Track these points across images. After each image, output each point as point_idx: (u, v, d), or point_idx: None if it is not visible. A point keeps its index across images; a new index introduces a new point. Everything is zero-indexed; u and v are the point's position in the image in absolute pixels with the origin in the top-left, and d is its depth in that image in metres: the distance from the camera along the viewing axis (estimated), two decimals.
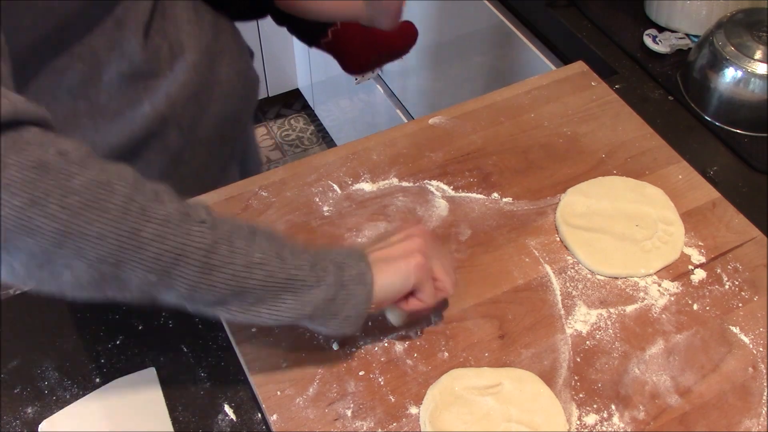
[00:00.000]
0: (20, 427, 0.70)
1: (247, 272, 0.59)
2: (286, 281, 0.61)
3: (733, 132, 0.98)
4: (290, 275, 0.61)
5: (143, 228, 0.54)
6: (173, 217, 0.56)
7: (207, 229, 0.57)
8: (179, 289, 0.58)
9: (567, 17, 1.15)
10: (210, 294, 0.59)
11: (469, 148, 0.92)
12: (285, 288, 0.61)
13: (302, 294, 0.62)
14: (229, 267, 0.58)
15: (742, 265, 0.81)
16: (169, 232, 0.55)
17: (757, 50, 0.95)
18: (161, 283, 0.57)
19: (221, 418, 0.71)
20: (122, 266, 0.55)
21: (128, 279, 0.56)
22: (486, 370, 0.71)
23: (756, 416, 0.69)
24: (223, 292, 0.59)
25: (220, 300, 0.60)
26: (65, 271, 0.54)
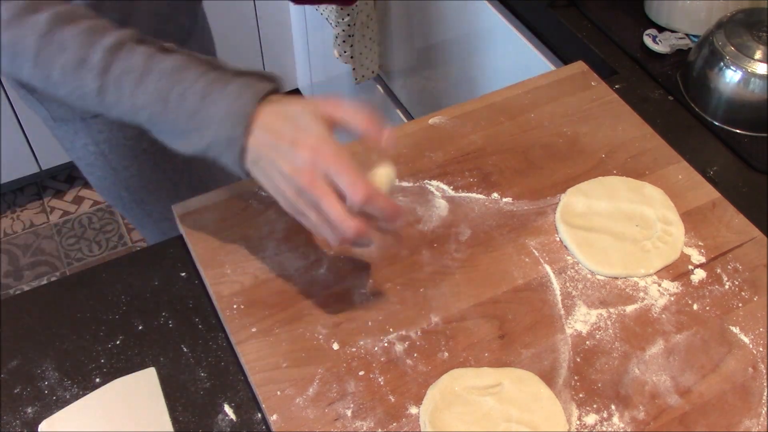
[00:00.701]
0: (20, 427, 0.70)
1: (133, 113, 0.69)
2: (166, 125, 0.69)
3: (733, 132, 0.98)
4: (169, 120, 0.68)
5: (52, 74, 0.69)
6: (68, 67, 0.68)
7: (95, 75, 0.68)
8: (95, 109, 0.71)
9: (567, 17, 1.15)
10: (116, 117, 0.71)
11: (469, 148, 0.92)
12: (167, 130, 0.69)
13: (181, 138, 0.69)
14: (119, 107, 0.69)
15: (742, 265, 0.81)
16: (67, 79, 0.69)
17: (757, 50, 0.95)
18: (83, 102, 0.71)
19: (221, 418, 0.71)
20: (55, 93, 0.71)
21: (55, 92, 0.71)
22: (486, 370, 0.71)
23: (756, 416, 0.69)
24: (124, 119, 0.71)
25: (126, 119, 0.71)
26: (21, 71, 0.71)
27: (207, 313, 0.78)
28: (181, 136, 0.69)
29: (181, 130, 0.68)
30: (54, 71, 0.68)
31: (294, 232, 0.82)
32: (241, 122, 0.66)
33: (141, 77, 0.67)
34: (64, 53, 0.68)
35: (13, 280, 2.06)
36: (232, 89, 0.67)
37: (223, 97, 0.66)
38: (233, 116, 0.66)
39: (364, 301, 0.76)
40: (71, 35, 0.68)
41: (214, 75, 0.67)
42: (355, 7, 1.71)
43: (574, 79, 1.01)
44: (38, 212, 2.21)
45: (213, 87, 0.67)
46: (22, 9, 0.68)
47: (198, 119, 0.67)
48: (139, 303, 0.79)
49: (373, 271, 0.79)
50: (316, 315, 0.75)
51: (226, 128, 0.66)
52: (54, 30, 0.67)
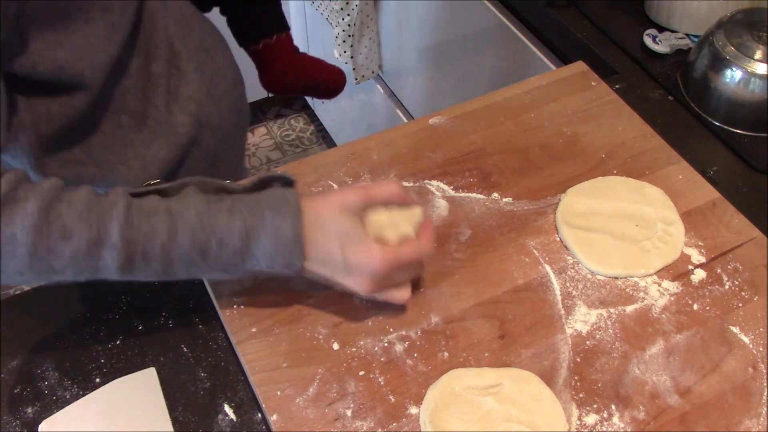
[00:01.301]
0: (20, 427, 0.70)
1: (167, 269, 0.65)
2: (210, 271, 0.67)
3: (733, 132, 0.98)
4: (212, 266, 0.66)
5: (54, 262, 0.61)
6: (81, 252, 0.61)
7: (117, 252, 0.62)
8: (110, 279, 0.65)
9: (567, 17, 1.15)
10: (139, 280, 0.66)
11: (469, 148, 0.92)
12: (212, 271, 0.67)
13: (229, 271, 0.67)
14: (147, 270, 0.64)
15: (742, 265, 0.81)
16: (79, 264, 0.62)
17: (757, 50, 0.95)
18: (89, 279, 0.64)
19: (221, 418, 0.71)
20: (46, 279, 0.63)
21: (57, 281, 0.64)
22: (486, 370, 0.71)
23: (756, 416, 0.69)
24: (151, 278, 0.66)
25: (153, 279, 0.66)
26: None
27: (207, 313, 0.78)
28: (223, 273, 0.67)
29: (226, 267, 0.66)
30: (58, 261, 0.61)
31: None
32: (296, 249, 0.66)
33: (170, 239, 0.63)
34: (70, 240, 0.61)
35: None
36: (270, 219, 0.65)
37: (265, 231, 0.65)
38: (285, 247, 0.65)
39: (364, 301, 0.76)
40: (72, 218, 0.61)
41: (243, 209, 0.65)
42: (355, 7, 1.71)
43: (574, 79, 1.01)
44: None
45: (250, 223, 0.64)
46: (2, 202, 0.60)
47: (246, 257, 0.65)
48: (139, 303, 0.79)
49: None
50: (316, 315, 0.75)
51: (281, 258, 0.66)
52: (49, 217, 0.60)
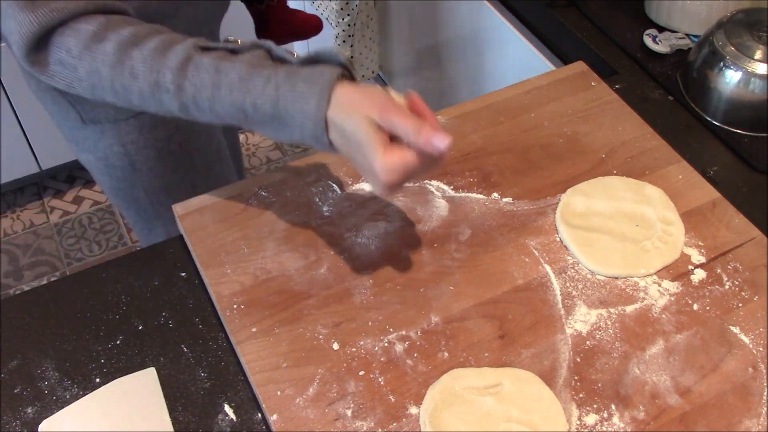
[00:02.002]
0: (20, 427, 0.70)
1: (219, 120, 0.71)
2: (254, 124, 0.71)
3: (733, 132, 0.98)
4: (255, 124, 0.70)
5: (130, 96, 0.72)
6: (145, 90, 0.70)
7: (172, 96, 0.70)
8: None
9: (567, 17, 1.15)
10: (206, 121, 0.72)
11: (469, 148, 0.92)
12: (258, 127, 0.71)
13: (276, 131, 0.70)
14: (204, 118, 0.72)
15: (742, 265, 0.81)
16: (146, 98, 0.71)
17: (757, 50, 0.95)
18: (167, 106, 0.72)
19: (221, 418, 0.71)
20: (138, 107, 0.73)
21: None
22: (486, 370, 0.71)
23: (756, 416, 0.69)
24: (214, 122, 0.72)
25: (216, 122, 0.73)
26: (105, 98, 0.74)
27: (207, 313, 0.78)
28: (272, 131, 0.71)
29: (270, 128, 0.70)
30: (133, 97, 0.71)
31: (294, 232, 0.82)
32: (318, 127, 0.68)
33: (213, 94, 0.69)
34: (137, 80, 0.70)
35: (13, 280, 2.06)
36: (301, 91, 0.67)
37: (294, 101, 0.68)
38: (308, 120, 0.68)
39: (364, 301, 0.76)
40: (139, 61, 0.70)
41: (280, 76, 0.68)
42: (355, 7, 1.71)
43: (574, 79, 1.01)
44: (38, 212, 2.21)
45: (281, 92, 0.68)
46: (90, 40, 0.70)
47: (279, 124, 0.69)
48: (139, 303, 0.79)
49: (373, 271, 0.79)
50: (316, 315, 0.75)
51: (308, 130, 0.68)
52: (122, 58, 0.70)
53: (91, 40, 0.70)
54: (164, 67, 0.69)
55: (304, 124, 0.68)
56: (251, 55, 0.70)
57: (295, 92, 0.67)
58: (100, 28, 0.70)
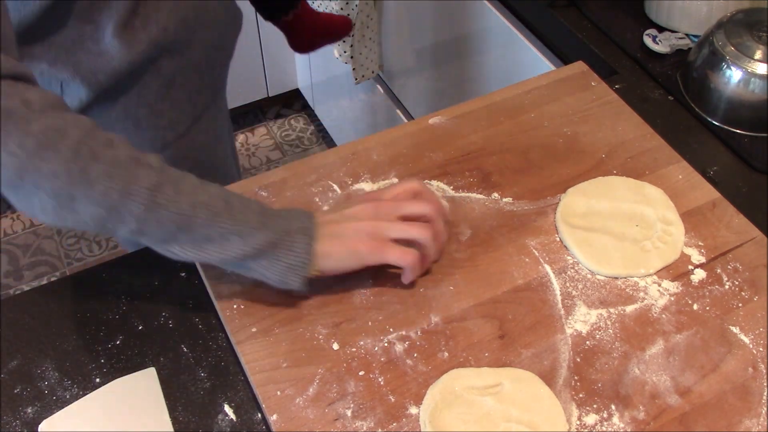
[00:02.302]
0: (20, 427, 0.70)
1: (192, 211, 0.66)
2: (232, 222, 0.67)
3: (733, 132, 0.98)
4: (235, 217, 0.68)
5: (92, 168, 0.62)
6: (122, 160, 0.64)
7: (154, 172, 0.64)
8: (129, 224, 0.65)
9: (567, 17, 1.15)
10: (158, 231, 0.66)
11: (469, 148, 0.92)
12: (231, 229, 0.67)
13: (247, 236, 0.68)
14: (174, 205, 0.65)
15: (742, 265, 0.81)
16: (116, 172, 0.63)
17: (757, 50, 0.95)
18: (111, 218, 0.64)
19: (221, 418, 0.71)
20: (75, 200, 0.63)
21: (82, 211, 0.64)
22: (486, 370, 0.71)
23: (756, 416, 0.69)
24: (170, 228, 0.66)
25: (169, 237, 0.67)
26: (34, 198, 0.63)
27: (207, 313, 0.78)
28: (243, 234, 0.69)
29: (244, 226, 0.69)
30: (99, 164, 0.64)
31: None
32: (308, 214, 0.72)
33: (200, 183, 0.68)
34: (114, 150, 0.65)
35: (13, 280, 2.06)
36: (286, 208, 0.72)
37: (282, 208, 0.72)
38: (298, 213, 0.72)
39: (364, 301, 0.76)
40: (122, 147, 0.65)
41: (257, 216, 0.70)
42: (355, 7, 1.71)
43: (574, 79, 1.01)
44: None
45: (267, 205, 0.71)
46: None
47: (265, 217, 0.70)
48: (139, 303, 0.79)
49: (373, 271, 0.79)
50: (316, 315, 0.75)
51: (297, 220, 0.71)
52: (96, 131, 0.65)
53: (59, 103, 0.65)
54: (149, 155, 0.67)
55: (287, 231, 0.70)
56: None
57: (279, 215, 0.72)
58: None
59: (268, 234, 0.69)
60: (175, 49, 0.91)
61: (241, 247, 0.68)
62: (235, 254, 0.68)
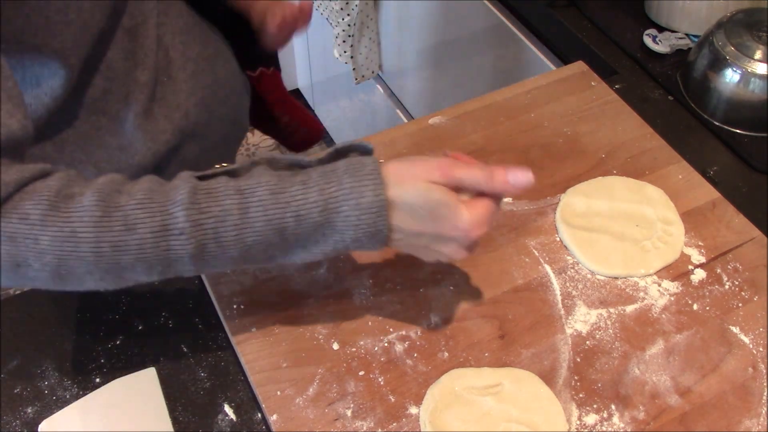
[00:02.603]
0: (20, 427, 0.70)
1: (244, 254, 0.60)
2: (289, 247, 0.61)
3: (733, 132, 0.98)
4: (292, 244, 0.60)
5: (121, 259, 0.57)
6: (147, 242, 0.56)
7: (186, 238, 0.57)
8: (186, 275, 0.61)
9: (567, 17, 1.15)
10: (218, 270, 0.64)
11: (469, 148, 0.92)
12: (293, 250, 0.61)
13: (311, 248, 0.61)
14: (223, 257, 0.59)
15: (742, 265, 0.81)
16: (147, 255, 0.57)
17: (757, 50, 0.95)
18: (166, 276, 0.60)
19: (221, 418, 0.71)
20: (121, 280, 0.59)
21: (137, 280, 0.60)
22: (486, 370, 0.71)
23: (756, 416, 0.69)
24: (229, 267, 0.61)
25: (231, 268, 0.62)
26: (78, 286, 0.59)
27: (207, 313, 0.78)
28: (304, 251, 0.62)
29: (306, 245, 0.61)
30: (126, 256, 0.57)
31: None
32: (380, 215, 0.59)
33: (242, 218, 0.58)
34: (134, 232, 0.56)
35: None
36: (350, 185, 0.59)
37: (347, 198, 0.59)
38: (368, 214, 0.59)
39: (364, 301, 0.76)
40: (132, 207, 0.56)
41: (317, 179, 0.60)
42: (355, 7, 1.71)
43: (574, 79, 1.01)
44: None
45: (326, 194, 0.59)
46: (55, 197, 0.56)
47: (326, 230, 0.60)
48: (139, 303, 0.79)
49: (373, 271, 0.79)
50: (316, 315, 0.75)
51: (366, 226, 0.60)
52: (109, 209, 0.56)
53: (56, 197, 0.55)
54: (169, 205, 0.56)
55: (361, 220, 0.59)
56: (264, 169, 0.62)
57: (343, 188, 0.59)
58: (65, 183, 0.57)
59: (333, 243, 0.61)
60: (197, 132, 0.85)
61: (308, 258, 0.62)
62: (306, 261, 0.63)
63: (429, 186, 0.60)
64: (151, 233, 0.56)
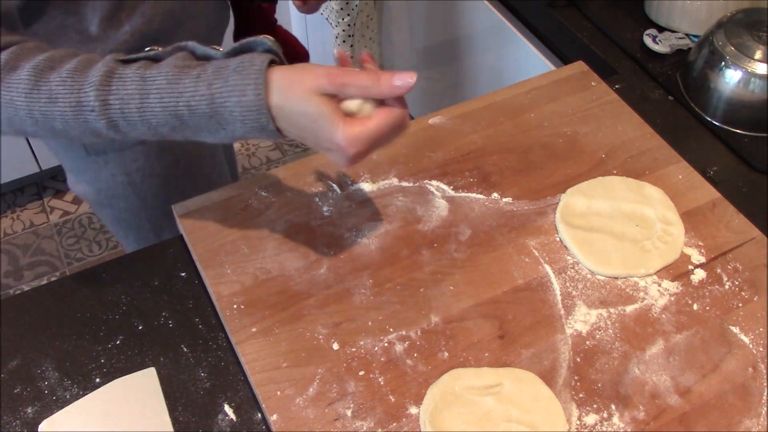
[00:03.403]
0: (20, 427, 0.70)
1: (153, 132, 0.68)
2: (191, 131, 0.68)
3: (733, 132, 0.98)
4: (192, 128, 0.67)
5: (53, 125, 0.67)
6: (68, 114, 0.66)
7: (97, 114, 0.66)
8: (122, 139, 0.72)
9: (567, 17, 1.15)
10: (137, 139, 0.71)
11: (469, 148, 0.92)
12: (200, 133, 0.68)
13: (215, 133, 0.67)
14: (134, 132, 0.68)
15: (742, 265, 0.81)
16: (71, 125, 0.67)
17: (757, 50, 0.95)
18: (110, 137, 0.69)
19: (221, 418, 0.71)
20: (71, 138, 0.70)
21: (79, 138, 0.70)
22: (486, 370, 0.71)
23: (756, 416, 0.69)
24: (150, 137, 0.69)
25: (153, 138, 0.70)
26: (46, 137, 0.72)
27: (207, 313, 0.78)
28: (210, 135, 0.68)
29: (207, 131, 0.67)
30: (56, 122, 0.67)
31: (294, 232, 0.82)
32: (261, 113, 0.64)
33: (142, 104, 0.66)
34: (56, 104, 0.66)
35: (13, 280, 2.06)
36: (234, 83, 0.64)
37: (230, 94, 0.64)
38: (250, 112, 0.65)
39: (364, 301, 0.76)
40: (57, 83, 0.66)
41: (210, 72, 0.65)
42: (355, 7, 1.71)
43: (574, 79, 1.01)
44: (38, 212, 2.21)
45: (214, 88, 0.65)
46: (1, 71, 0.66)
47: (219, 120, 0.66)
48: (139, 303, 0.79)
49: (373, 271, 0.79)
50: (316, 315, 0.75)
51: (251, 122, 0.65)
52: (39, 84, 0.66)
53: (2, 71, 0.66)
54: (85, 85, 0.66)
55: (245, 116, 0.65)
56: (175, 58, 0.68)
57: (227, 85, 0.64)
58: (11, 57, 0.67)
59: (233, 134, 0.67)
60: (160, 40, 0.88)
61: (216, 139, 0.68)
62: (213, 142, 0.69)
63: (310, 97, 0.64)
64: (69, 107, 0.66)
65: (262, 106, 0.64)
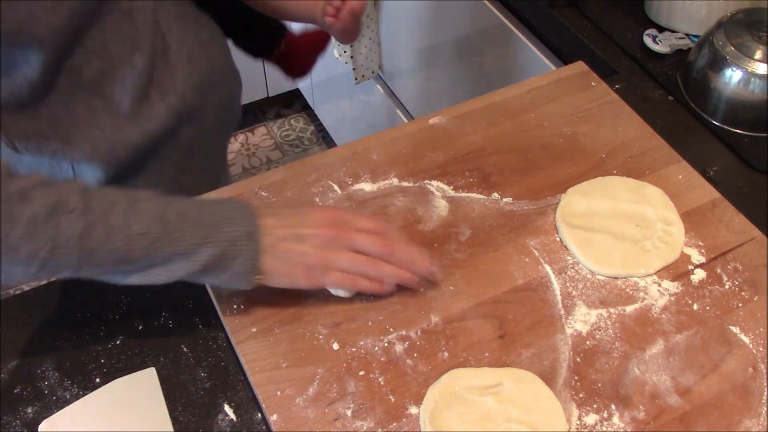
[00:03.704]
0: (20, 427, 0.70)
1: (128, 245, 0.63)
2: (172, 245, 0.65)
3: (733, 132, 0.98)
4: (175, 239, 0.65)
5: (11, 232, 0.59)
6: (39, 215, 0.60)
7: (77, 216, 0.61)
8: (66, 272, 0.64)
9: (567, 17, 1.15)
10: (97, 270, 0.65)
11: (469, 148, 0.92)
12: (173, 252, 0.65)
13: (192, 255, 0.66)
14: (108, 245, 0.63)
15: (742, 265, 0.81)
16: (37, 231, 0.60)
17: (757, 50, 0.95)
18: (46, 272, 0.63)
19: (221, 418, 0.71)
20: (4, 265, 0.61)
21: (13, 272, 0.62)
22: (486, 370, 0.71)
23: (756, 416, 0.69)
24: (110, 266, 0.65)
25: (112, 272, 0.66)
26: None
27: (207, 313, 0.78)
28: (187, 253, 0.66)
29: (187, 245, 0.66)
30: (16, 228, 0.60)
31: None
32: (251, 215, 0.69)
33: (130, 207, 0.64)
34: (30, 204, 0.60)
35: None
36: (224, 202, 0.70)
37: (221, 205, 0.69)
38: (241, 214, 0.68)
39: (364, 301, 0.76)
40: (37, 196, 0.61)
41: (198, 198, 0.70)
42: None
43: (574, 79, 1.01)
44: None
45: (205, 201, 0.69)
46: None
47: (206, 228, 0.66)
48: (139, 303, 0.79)
49: None
50: (316, 315, 0.75)
51: (241, 224, 0.68)
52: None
53: None
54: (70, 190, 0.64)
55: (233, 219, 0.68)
56: None
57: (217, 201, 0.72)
58: None
59: (214, 248, 0.67)
60: (192, 116, 0.87)
61: (187, 268, 0.67)
62: (183, 274, 0.67)
63: None
64: (44, 206, 0.60)
65: (251, 212, 0.70)
